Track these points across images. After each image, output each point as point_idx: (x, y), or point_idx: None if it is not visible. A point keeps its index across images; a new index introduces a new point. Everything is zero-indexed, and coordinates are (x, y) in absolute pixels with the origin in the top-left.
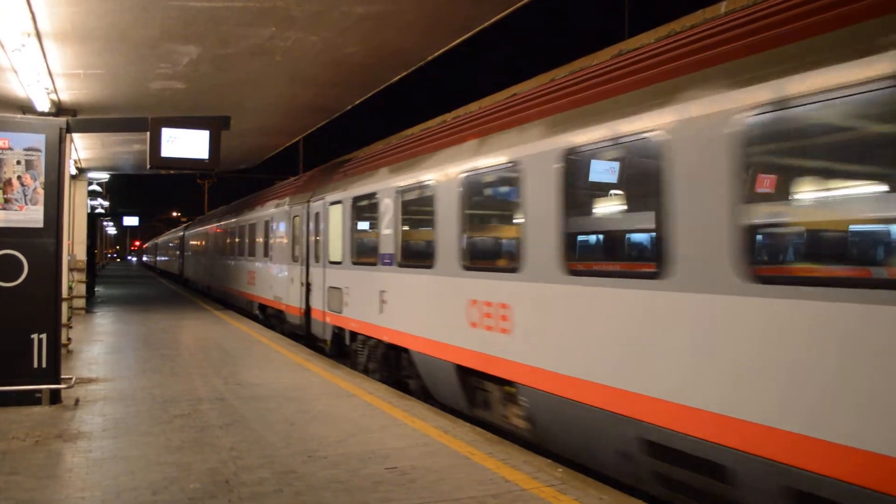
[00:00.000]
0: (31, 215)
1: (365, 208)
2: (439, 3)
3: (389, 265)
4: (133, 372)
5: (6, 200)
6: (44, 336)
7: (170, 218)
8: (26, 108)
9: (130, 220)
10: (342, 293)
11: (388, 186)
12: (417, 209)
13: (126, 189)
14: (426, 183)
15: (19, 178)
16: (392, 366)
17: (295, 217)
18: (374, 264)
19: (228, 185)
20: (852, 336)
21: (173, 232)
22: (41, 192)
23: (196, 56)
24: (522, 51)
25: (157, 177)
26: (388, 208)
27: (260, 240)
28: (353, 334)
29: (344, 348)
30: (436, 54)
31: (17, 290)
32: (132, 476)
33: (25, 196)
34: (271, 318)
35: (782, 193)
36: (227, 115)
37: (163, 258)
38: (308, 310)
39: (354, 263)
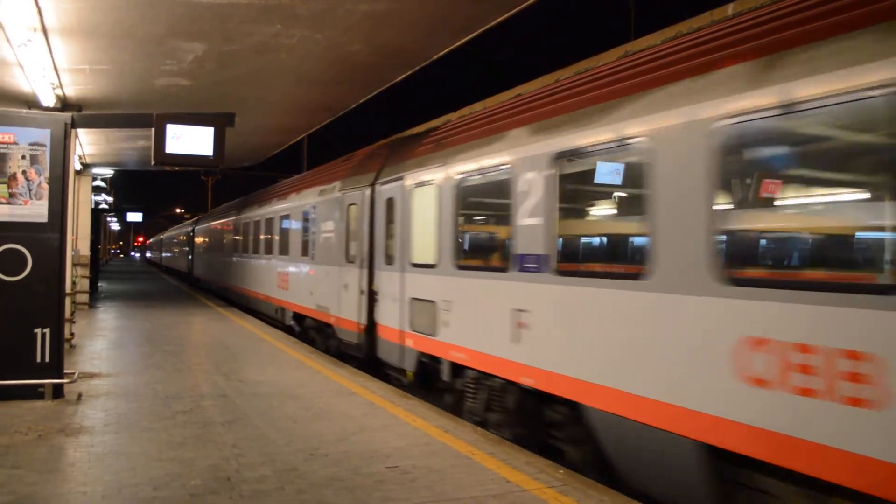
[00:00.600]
0: (36, 210)
1: (482, 189)
2: (442, 2)
3: (536, 272)
4: (136, 367)
5: (11, 195)
6: (47, 330)
7: (173, 214)
8: (32, 103)
9: (134, 216)
10: (437, 308)
11: (533, 154)
12: (599, 185)
13: (130, 185)
14: (626, 142)
15: (24, 172)
16: (531, 420)
17: (350, 206)
18: (501, 269)
19: (232, 182)
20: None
21: (181, 227)
22: (46, 186)
23: (201, 53)
24: (526, 51)
25: (161, 173)
26: (532, 186)
27: (296, 235)
28: (458, 367)
29: (437, 383)
30: (439, 54)
31: (21, 285)
32: (134, 472)
33: (30, 191)
34: (310, 330)
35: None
36: (232, 113)
37: (169, 255)
38: (371, 326)
39: (461, 267)
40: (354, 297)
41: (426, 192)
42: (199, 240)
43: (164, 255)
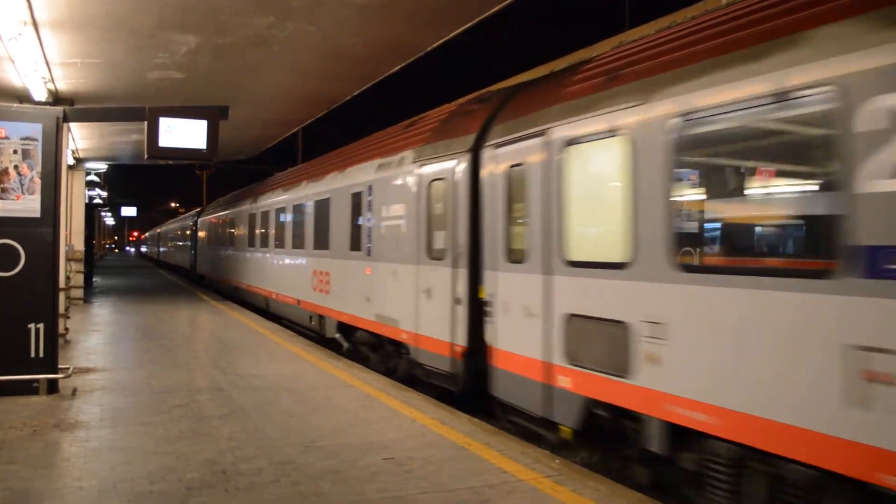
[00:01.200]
0: (28, 205)
1: (747, 133)
2: None
3: None
4: (131, 362)
5: (3, 190)
6: (41, 326)
7: (168, 209)
8: (23, 97)
9: (128, 211)
10: (633, 334)
11: None
12: None
13: (124, 179)
14: None
15: (16, 167)
16: None
17: (433, 182)
18: (813, 274)
19: (227, 175)
20: None
21: (182, 218)
22: (38, 181)
23: (194, 46)
24: (522, 41)
25: (156, 167)
26: None
27: (341, 224)
28: (682, 431)
29: (624, 447)
30: (434, 45)
31: (14, 280)
32: (129, 466)
33: (22, 185)
34: (363, 346)
35: None
36: (226, 105)
37: (168, 249)
38: (476, 349)
39: (693, 269)
40: (444, 308)
41: (600, 150)
42: (204, 232)
43: (161, 249)
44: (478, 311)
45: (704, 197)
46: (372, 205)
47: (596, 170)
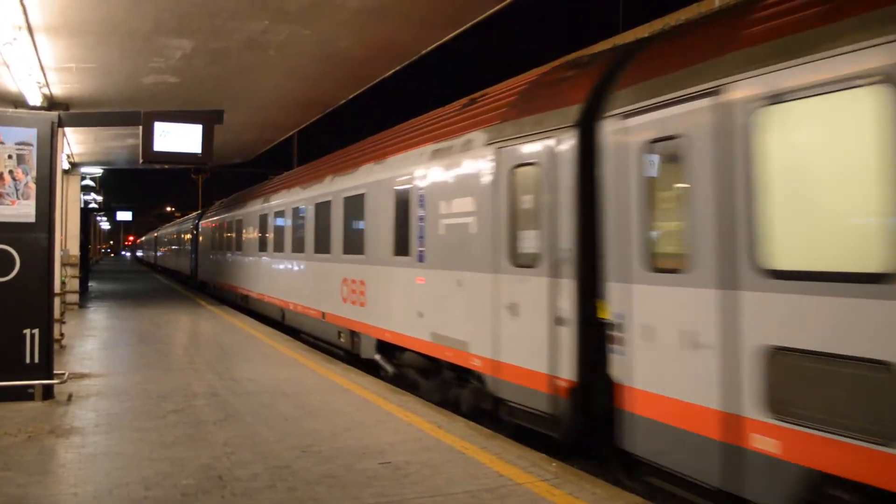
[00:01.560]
0: (23, 210)
1: None
2: None
3: None
4: (126, 367)
5: None
6: (36, 331)
7: (163, 213)
8: (18, 102)
9: (124, 215)
10: None
11: None
12: None
13: (119, 184)
14: None
15: (11, 172)
16: None
17: (518, 168)
18: None
19: (222, 179)
20: None
21: (181, 222)
22: (33, 186)
23: (189, 50)
24: (517, 45)
25: (151, 172)
26: None
27: (380, 224)
28: None
29: None
30: (430, 48)
31: (9, 285)
32: (125, 472)
33: (17, 190)
34: (410, 370)
35: None
36: (221, 109)
37: (166, 254)
38: (592, 386)
39: None
40: (539, 330)
41: (825, 108)
42: (206, 236)
43: (158, 254)
44: (592, 335)
45: None
46: (425, 200)
47: (819, 137)
